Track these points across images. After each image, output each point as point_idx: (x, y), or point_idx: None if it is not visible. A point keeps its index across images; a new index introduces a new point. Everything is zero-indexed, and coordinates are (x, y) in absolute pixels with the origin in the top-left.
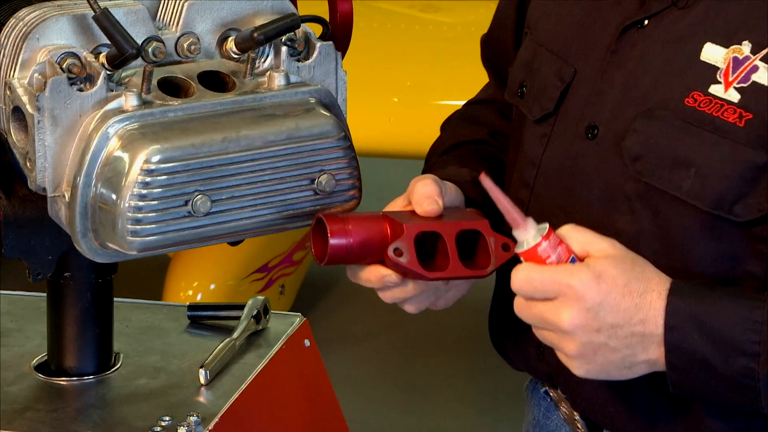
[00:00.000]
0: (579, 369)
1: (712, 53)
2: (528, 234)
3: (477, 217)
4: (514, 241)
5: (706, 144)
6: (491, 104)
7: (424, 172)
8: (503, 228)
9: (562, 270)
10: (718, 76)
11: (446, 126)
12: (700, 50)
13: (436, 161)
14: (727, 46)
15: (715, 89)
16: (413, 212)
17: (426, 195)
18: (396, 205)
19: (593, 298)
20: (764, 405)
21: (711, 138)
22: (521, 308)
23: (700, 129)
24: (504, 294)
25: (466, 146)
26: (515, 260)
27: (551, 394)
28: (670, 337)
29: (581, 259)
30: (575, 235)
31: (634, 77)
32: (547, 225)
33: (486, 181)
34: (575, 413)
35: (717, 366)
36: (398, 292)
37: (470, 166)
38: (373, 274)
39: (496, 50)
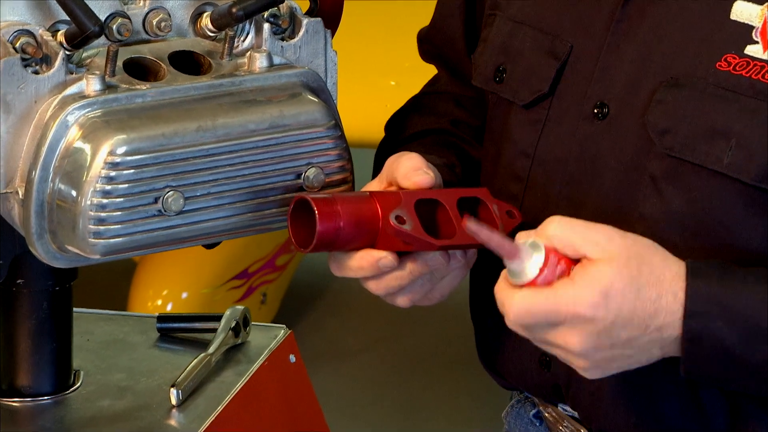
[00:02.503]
0: (592, 376)
1: (745, 10)
2: (523, 264)
3: (473, 187)
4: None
5: (746, 110)
6: (445, 95)
7: (377, 161)
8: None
9: (565, 296)
10: (754, 36)
11: (394, 122)
12: (730, 9)
13: (396, 150)
14: (761, 2)
15: (753, 50)
16: (400, 189)
17: (413, 167)
18: (371, 188)
19: (604, 319)
20: None
21: (751, 104)
22: (522, 330)
23: (738, 94)
24: (487, 297)
25: (428, 136)
26: (521, 227)
27: (546, 415)
28: (690, 326)
29: (577, 260)
30: (564, 237)
31: (649, 47)
32: (542, 246)
33: (472, 225)
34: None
35: (740, 355)
36: (392, 279)
37: (437, 153)
38: (365, 260)
39: (442, 42)
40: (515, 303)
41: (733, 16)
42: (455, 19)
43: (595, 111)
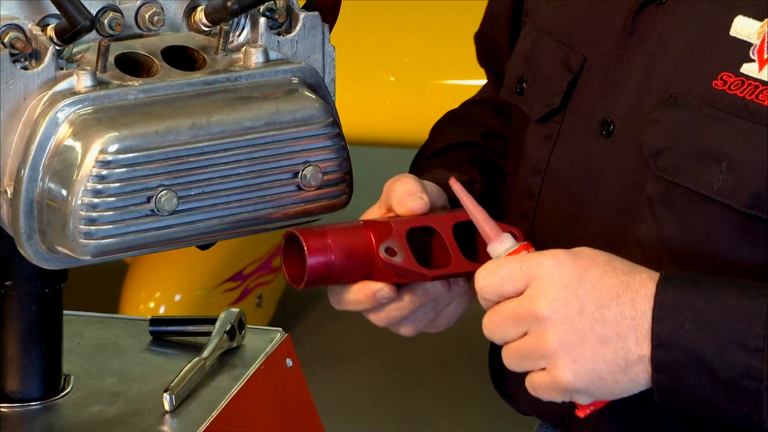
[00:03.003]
0: (566, 370)
1: (744, 27)
2: (503, 247)
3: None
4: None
5: (739, 132)
6: (488, 103)
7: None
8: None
9: (530, 255)
10: (751, 54)
11: (435, 129)
12: (730, 24)
13: (420, 165)
14: (761, 19)
15: (748, 68)
16: (394, 216)
17: (407, 192)
18: (372, 214)
19: (570, 273)
20: (765, 415)
21: (744, 126)
22: (490, 321)
23: (731, 115)
24: None
25: (454, 150)
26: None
27: None
28: (659, 329)
29: None
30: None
31: (654, 61)
32: (527, 240)
33: (455, 185)
34: None
35: (713, 362)
36: (393, 310)
37: (459, 169)
38: (362, 293)
39: (489, 47)
40: (481, 272)
41: (732, 32)
42: (501, 21)
43: (601, 128)
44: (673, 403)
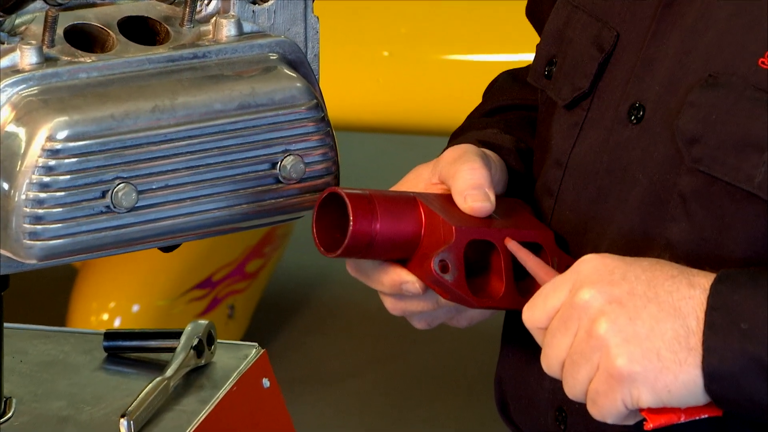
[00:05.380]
0: (618, 353)
1: None
2: None
3: (534, 221)
4: None
5: None
6: None
7: (454, 135)
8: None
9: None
10: None
11: (491, 88)
12: None
13: (474, 122)
14: None
15: None
16: (450, 199)
17: (474, 184)
18: (420, 179)
19: (615, 261)
20: None
21: None
22: (544, 355)
23: None
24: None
25: (516, 111)
26: None
27: None
28: (709, 335)
29: None
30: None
31: (692, 35)
32: None
33: (511, 244)
34: None
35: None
36: (413, 304)
37: (517, 134)
38: (389, 277)
39: (536, 20)
40: (527, 306)
41: None
42: None
43: (630, 113)
44: (725, 406)
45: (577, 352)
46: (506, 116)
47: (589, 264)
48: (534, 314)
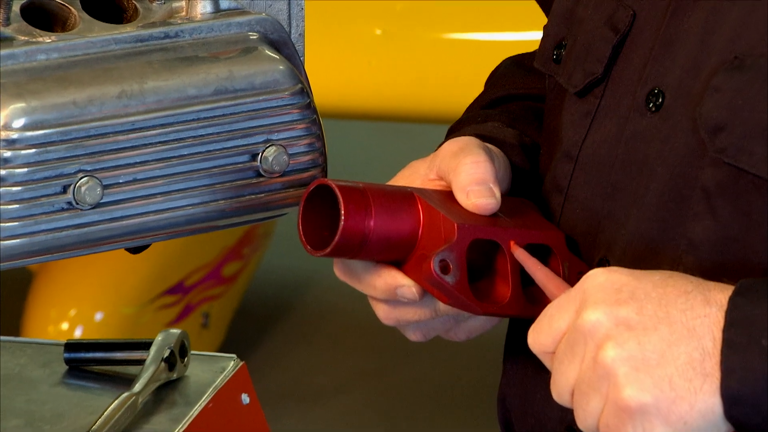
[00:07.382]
0: (627, 382)
1: None
2: None
3: (543, 221)
4: None
5: None
6: None
7: (452, 130)
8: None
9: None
10: None
11: (493, 76)
12: None
13: (473, 115)
14: None
15: None
16: (450, 196)
17: (477, 180)
18: (416, 175)
19: (623, 277)
20: None
21: None
22: (553, 382)
23: None
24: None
25: (519, 101)
26: None
27: None
28: (728, 355)
29: None
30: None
31: (717, 15)
32: None
33: (518, 252)
34: None
35: None
36: (408, 312)
37: (521, 128)
38: (382, 280)
39: None
40: (532, 328)
41: None
42: None
43: (648, 100)
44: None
45: (584, 382)
46: (509, 107)
47: (595, 281)
48: (540, 338)
